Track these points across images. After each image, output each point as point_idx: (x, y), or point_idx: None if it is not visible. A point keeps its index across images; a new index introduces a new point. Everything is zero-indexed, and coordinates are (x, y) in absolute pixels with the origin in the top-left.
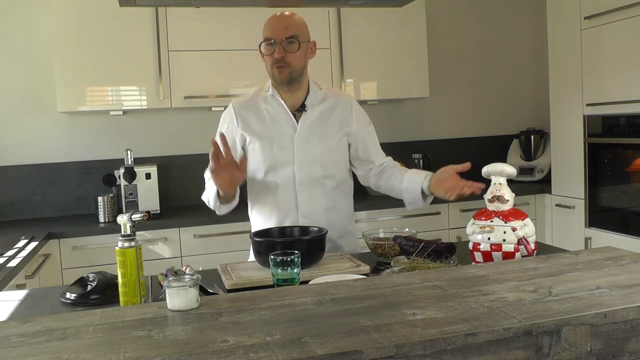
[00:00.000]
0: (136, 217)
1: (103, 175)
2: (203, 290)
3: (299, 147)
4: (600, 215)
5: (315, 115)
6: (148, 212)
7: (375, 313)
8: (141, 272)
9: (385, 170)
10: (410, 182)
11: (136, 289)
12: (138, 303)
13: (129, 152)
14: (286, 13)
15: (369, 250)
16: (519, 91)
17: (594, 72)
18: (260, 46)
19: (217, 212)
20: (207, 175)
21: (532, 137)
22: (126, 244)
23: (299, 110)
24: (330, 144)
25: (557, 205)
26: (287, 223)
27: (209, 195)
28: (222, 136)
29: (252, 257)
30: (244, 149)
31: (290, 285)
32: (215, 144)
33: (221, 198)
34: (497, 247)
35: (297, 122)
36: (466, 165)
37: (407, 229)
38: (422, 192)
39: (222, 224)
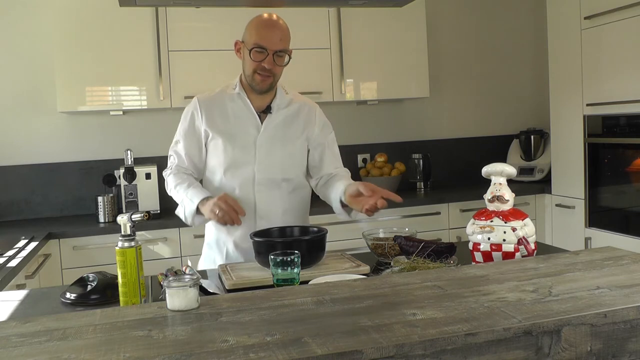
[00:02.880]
0: (136, 217)
1: (103, 175)
2: (203, 290)
3: (261, 148)
4: (600, 215)
5: (280, 119)
6: (148, 212)
7: (375, 313)
8: (141, 272)
9: (331, 180)
10: (335, 192)
11: (136, 289)
12: (138, 303)
13: (129, 152)
14: (275, 17)
15: (369, 250)
16: (519, 91)
17: (594, 72)
18: (250, 52)
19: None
20: (180, 195)
21: (532, 137)
22: (126, 244)
23: (264, 112)
24: (291, 148)
25: (557, 205)
26: (244, 223)
27: (186, 211)
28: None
29: (203, 263)
30: (205, 145)
31: (290, 285)
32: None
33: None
34: (497, 247)
35: (262, 123)
36: (396, 197)
37: (407, 229)
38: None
39: None
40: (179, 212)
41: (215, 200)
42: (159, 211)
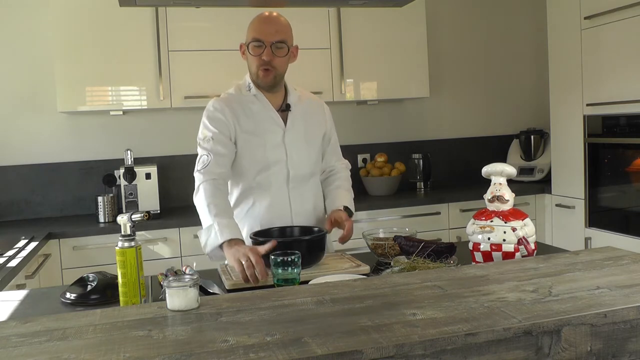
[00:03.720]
0: (136, 217)
1: (103, 175)
2: (203, 290)
3: (290, 145)
4: (600, 215)
5: (299, 115)
6: (148, 212)
7: (375, 313)
8: (141, 272)
9: (330, 178)
10: (329, 205)
11: (136, 289)
12: (138, 303)
13: (129, 152)
14: (274, 14)
15: (369, 250)
16: (519, 91)
17: (594, 72)
18: (248, 46)
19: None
20: (209, 217)
21: (532, 137)
22: (126, 244)
23: (282, 110)
24: (315, 143)
25: (557, 205)
26: (279, 221)
27: (209, 240)
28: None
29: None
30: (235, 144)
31: (291, 285)
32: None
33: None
34: (497, 247)
35: (283, 121)
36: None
37: (407, 229)
38: None
39: None
40: (201, 235)
41: (246, 251)
42: (159, 211)
